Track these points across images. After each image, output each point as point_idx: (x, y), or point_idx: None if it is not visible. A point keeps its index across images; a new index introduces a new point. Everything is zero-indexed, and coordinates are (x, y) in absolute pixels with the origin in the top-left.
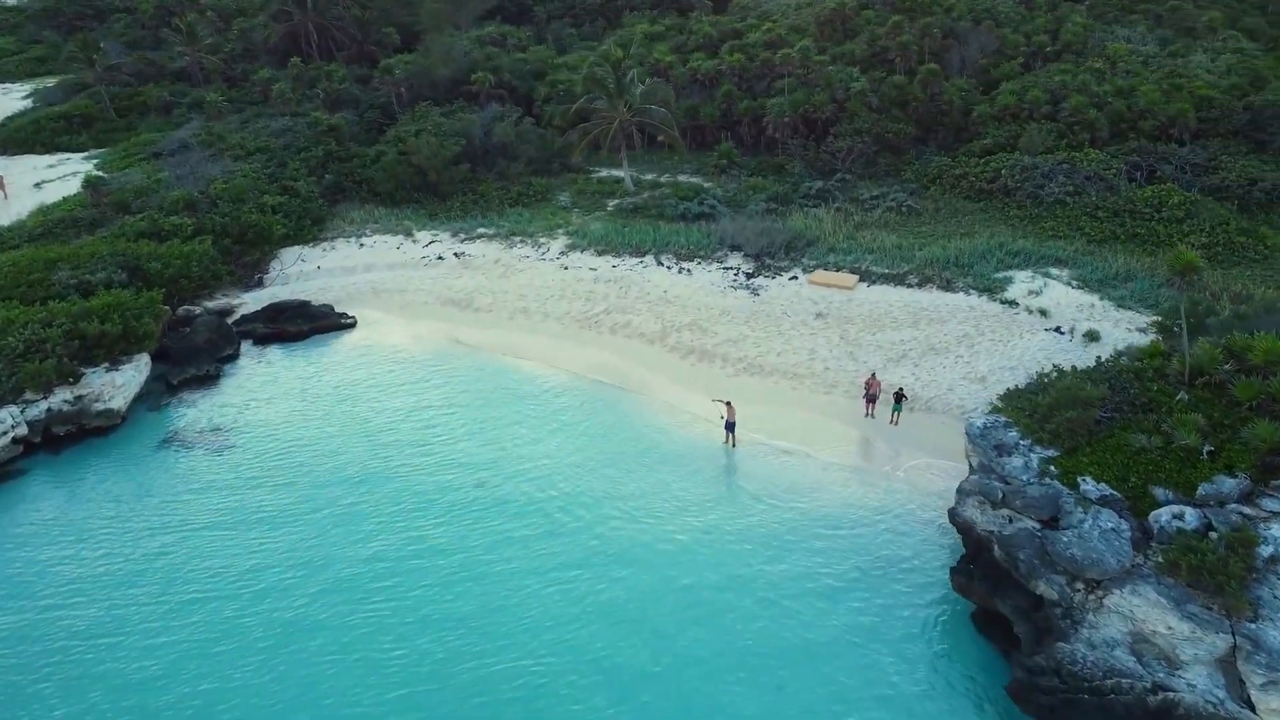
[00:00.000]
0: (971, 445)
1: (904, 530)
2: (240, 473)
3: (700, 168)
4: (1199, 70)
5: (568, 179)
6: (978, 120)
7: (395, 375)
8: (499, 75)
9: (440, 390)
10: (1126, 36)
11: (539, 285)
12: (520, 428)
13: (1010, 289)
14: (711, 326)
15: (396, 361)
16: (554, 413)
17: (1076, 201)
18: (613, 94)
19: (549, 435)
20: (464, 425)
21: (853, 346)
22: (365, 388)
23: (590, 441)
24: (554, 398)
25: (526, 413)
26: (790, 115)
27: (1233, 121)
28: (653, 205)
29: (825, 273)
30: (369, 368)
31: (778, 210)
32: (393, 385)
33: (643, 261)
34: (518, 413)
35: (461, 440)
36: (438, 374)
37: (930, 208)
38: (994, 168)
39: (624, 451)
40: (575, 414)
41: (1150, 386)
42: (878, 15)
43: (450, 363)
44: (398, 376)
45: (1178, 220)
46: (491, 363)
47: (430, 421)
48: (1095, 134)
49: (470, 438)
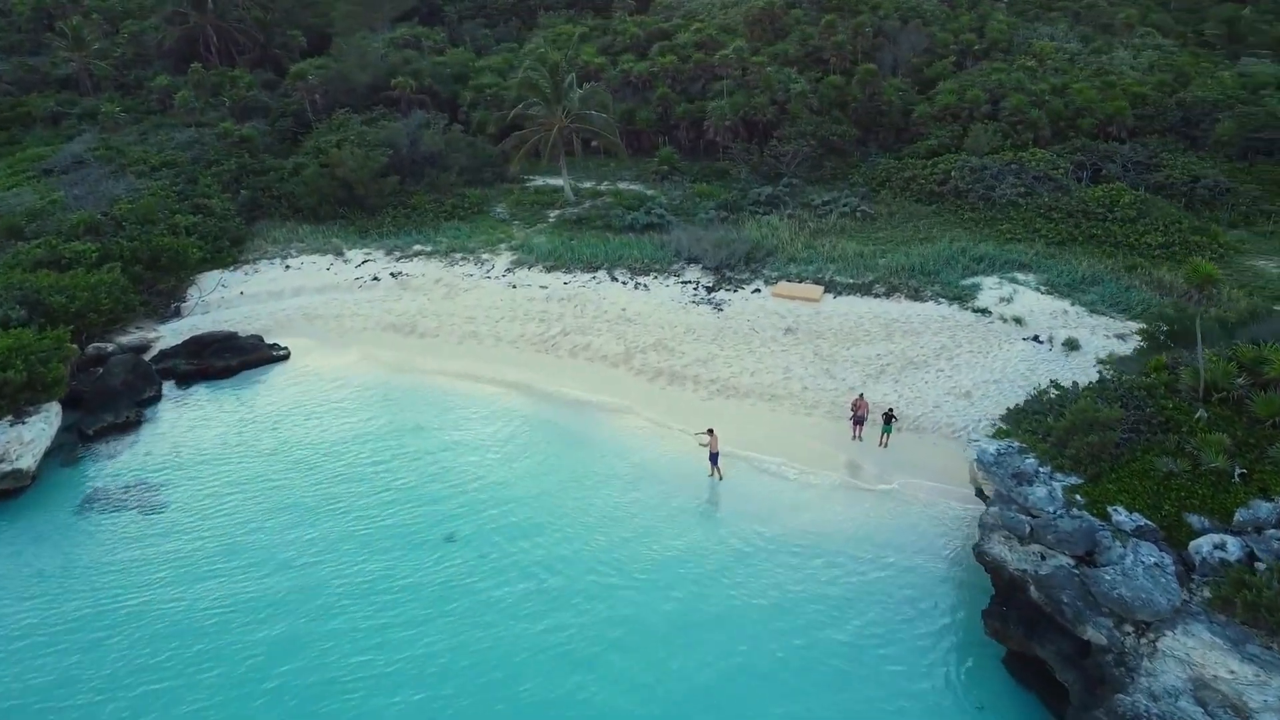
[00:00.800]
0: (985, 473)
1: (918, 566)
2: (177, 537)
3: (640, 174)
4: (1123, 67)
5: (503, 189)
6: (918, 121)
7: (340, 413)
8: (420, 80)
9: (391, 427)
10: (1050, 34)
11: (487, 306)
12: (484, 467)
13: (980, 296)
14: (678, 346)
15: (339, 397)
16: (520, 450)
17: (1029, 202)
18: (550, 99)
19: (518, 478)
20: (422, 467)
21: (828, 363)
22: (308, 429)
23: (561, 483)
24: (516, 432)
25: (489, 450)
26: (731, 118)
27: (1167, 119)
28: (597, 216)
29: (789, 285)
30: (310, 406)
31: (728, 218)
32: (339, 424)
33: (595, 277)
34: (478, 451)
35: (422, 484)
36: (386, 409)
37: (885, 212)
38: (943, 169)
39: (601, 492)
40: (543, 452)
41: (1165, 404)
42: (806, 14)
43: (399, 396)
44: (343, 414)
45: (1131, 220)
46: (443, 394)
47: (385, 464)
48: (1038, 133)
49: (431, 481)
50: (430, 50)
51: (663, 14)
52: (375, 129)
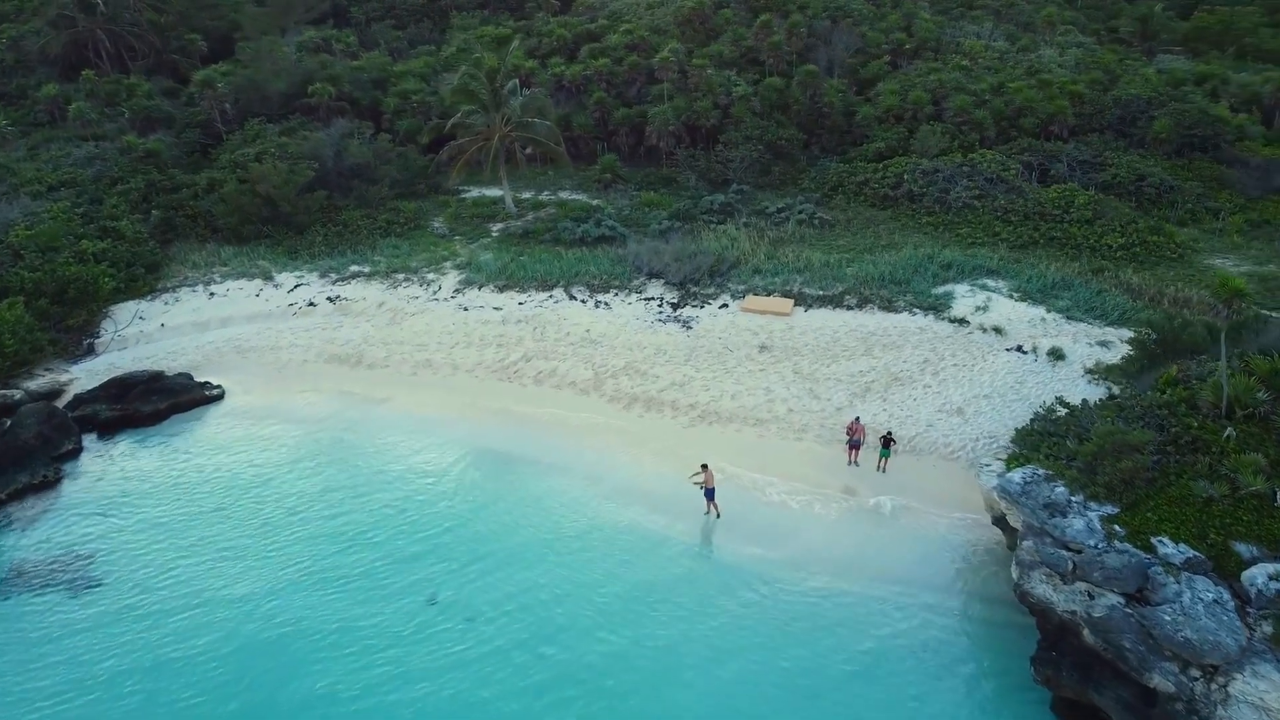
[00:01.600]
0: (1011, 504)
1: (942, 605)
2: (119, 621)
3: (581, 182)
4: (1052, 65)
5: (438, 201)
6: (862, 123)
7: (290, 459)
8: (338, 86)
9: (348, 473)
10: (977, 33)
11: (438, 332)
12: (459, 517)
13: (955, 306)
14: (650, 369)
15: (287, 440)
16: (495, 495)
17: (984, 205)
18: (489, 107)
19: (497, 529)
20: (390, 519)
21: (811, 383)
22: (255, 480)
23: (542, 533)
24: (490, 474)
25: (461, 497)
26: (674, 123)
27: (1105, 118)
28: (543, 228)
29: (757, 298)
30: (255, 452)
31: (681, 229)
32: (290, 472)
33: (552, 296)
34: (449, 497)
35: (391, 539)
36: (341, 452)
37: (842, 219)
38: (895, 173)
39: (588, 543)
40: (520, 496)
41: (1190, 422)
42: (736, 14)
43: (353, 437)
44: (294, 460)
45: (1088, 221)
46: (401, 432)
47: (348, 518)
48: (984, 134)
49: (401, 535)
50: (342, 54)
51: (586, 14)
52: (296, 140)
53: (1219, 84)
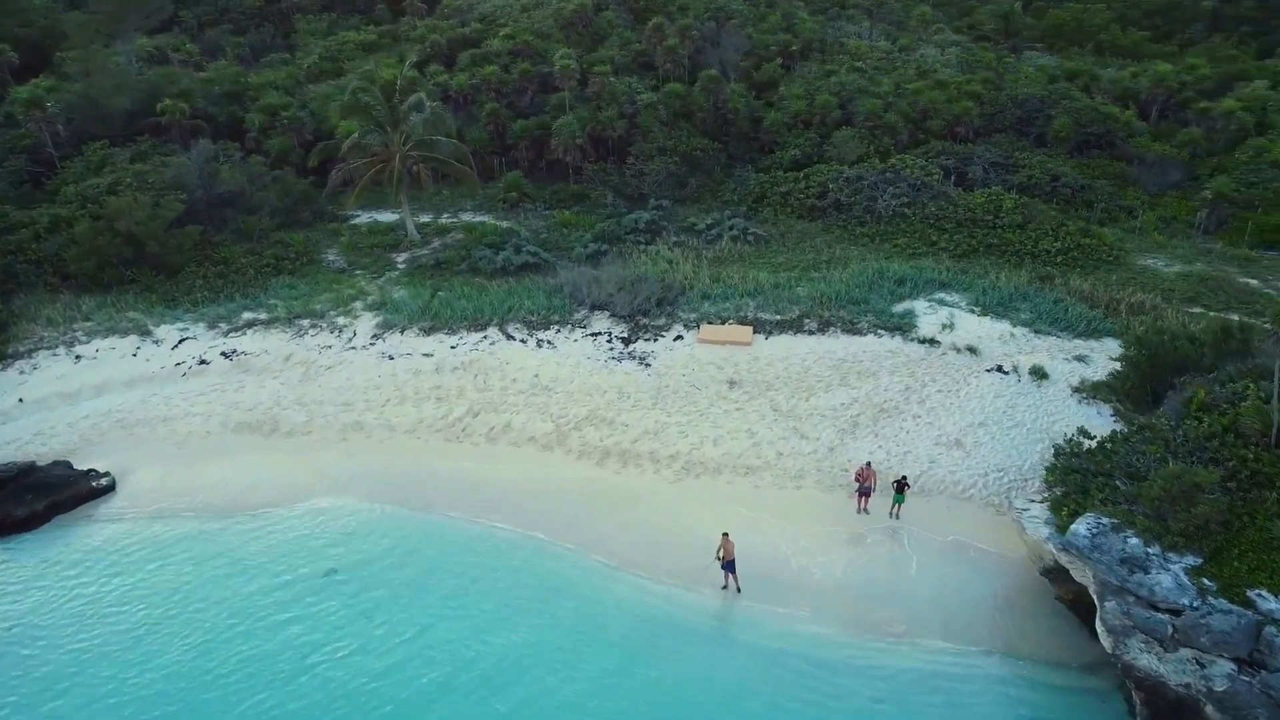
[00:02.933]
0: (1079, 560)
1: (1023, 678)
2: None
3: (484, 203)
4: (937, 65)
5: (327, 230)
6: (770, 129)
7: (213, 565)
8: (191, 102)
9: (287, 582)
10: (856, 32)
11: (364, 386)
12: (435, 638)
13: (919, 325)
14: (617, 416)
15: (206, 539)
16: (479, 601)
17: (915, 213)
18: (386, 125)
19: (483, 653)
20: (350, 651)
21: (794, 420)
22: (173, 597)
23: (543, 653)
24: (468, 574)
25: (436, 609)
26: (580, 135)
27: (1005, 117)
28: (457, 258)
29: (714, 328)
30: (168, 560)
31: (609, 252)
32: (216, 583)
33: (487, 336)
34: (422, 609)
35: (352, 678)
36: (275, 553)
37: (775, 233)
38: (818, 182)
39: (590, 641)
40: (507, 602)
41: (1244, 454)
42: (618, 17)
43: (284, 529)
44: (216, 566)
45: (1019, 226)
46: (345, 520)
47: (298, 647)
48: (896, 138)
49: (364, 674)
50: (183, 64)
51: (455, 17)
52: (153, 167)
53: (1089, 80)
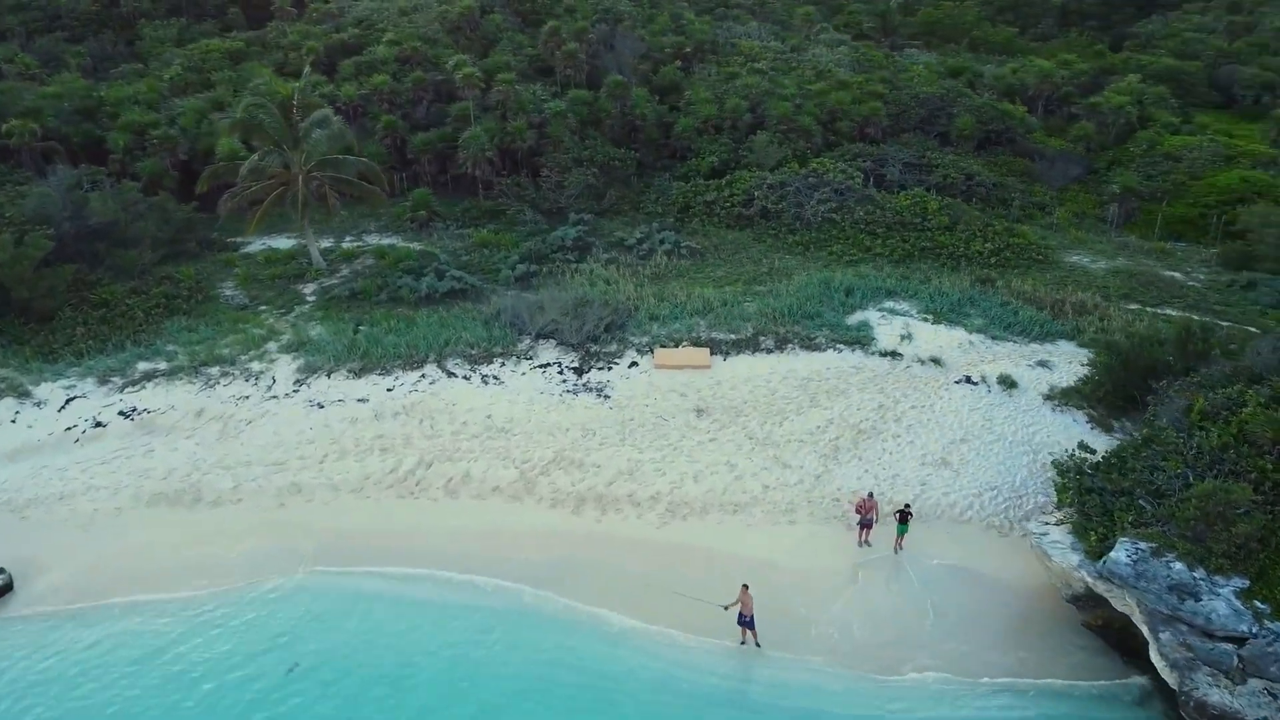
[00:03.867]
0: (1121, 588)
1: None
2: None
3: (389, 223)
4: (830, 65)
5: (219, 261)
6: (682, 135)
7: (144, 674)
8: (40, 121)
9: (232, 683)
10: (746, 33)
11: (295, 441)
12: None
13: (877, 337)
14: (586, 457)
15: (132, 642)
16: (446, 684)
17: (843, 218)
18: (286, 144)
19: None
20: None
21: (772, 448)
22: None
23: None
24: (429, 645)
25: (399, 700)
26: (490, 148)
27: (910, 117)
28: (373, 286)
29: (669, 351)
30: (90, 677)
31: (538, 273)
32: (149, 693)
33: (425, 375)
34: (389, 709)
35: None
36: (208, 648)
37: (708, 245)
38: (743, 190)
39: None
40: (484, 677)
41: (1263, 465)
42: (506, 20)
43: (220, 617)
44: (148, 674)
45: (947, 228)
46: (287, 599)
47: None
48: (811, 141)
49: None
50: (17, 77)
51: (328, 22)
52: (8, 198)
53: (972, 77)
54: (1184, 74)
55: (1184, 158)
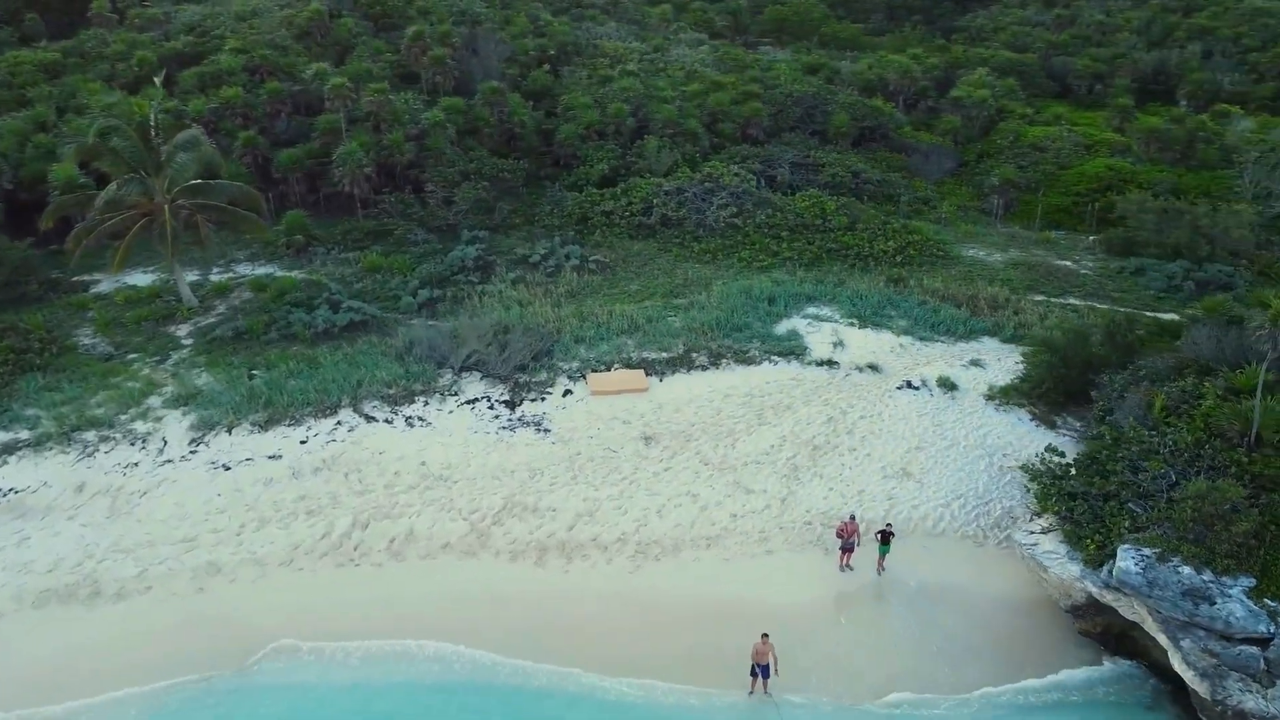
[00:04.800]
0: (1132, 597)
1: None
2: None
3: (260, 251)
4: (695, 65)
5: (68, 305)
6: (565, 142)
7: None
8: None
9: None
10: (606, 34)
11: (202, 513)
12: None
13: (809, 346)
14: (538, 501)
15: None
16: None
17: (746, 223)
18: (147, 171)
19: None
20: None
21: (732, 473)
22: None
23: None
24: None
25: None
26: (368, 163)
27: (788, 116)
28: (260, 324)
29: (603, 376)
30: None
31: (442, 298)
32: None
33: (341, 422)
34: None
35: None
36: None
37: (615, 258)
38: (640, 198)
39: None
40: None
41: (1240, 458)
42: (360, 25)
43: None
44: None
45: (848, 228)
46: (222, 703)
47: None
48: (697, 144)
49: None
50: None
51: (154, 30)
52: None
53: (831, 74)
54: (1023, 66)
55: (1048, 148)
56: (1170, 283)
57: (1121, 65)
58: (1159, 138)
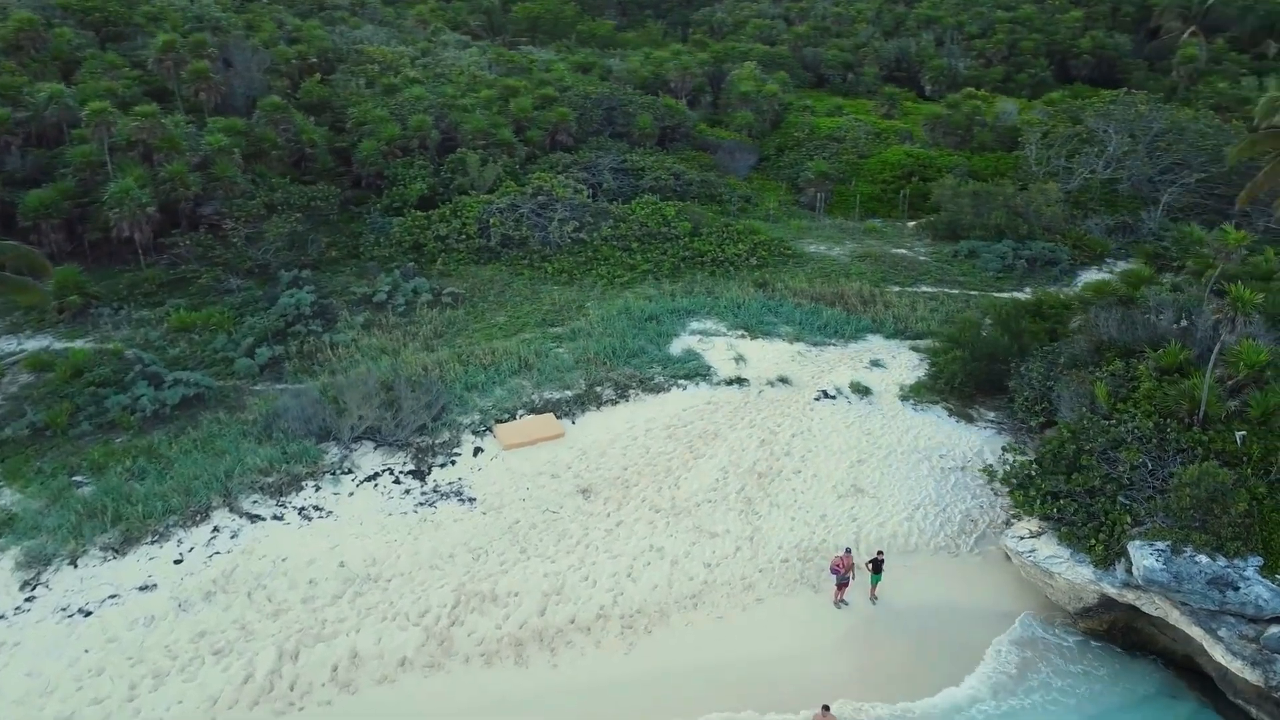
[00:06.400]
0: (1161, 594)
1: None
2: None
3: (23, 319)
4: (470, 68)
5: None
6: (367, 161)
7: None
8: None
9: None
10: (364, 38)
11: (69, 676)
12: None
13: (711, 363)
14: (493, 587)
15: None
16: None
17: (592, 236)
18: None
19: None
20: None
21: (688, 518)
22: None
23: None
24: None
25: None
26: (150, 202)
27: (592, 119)
28: (66, 414)
29: (511, 427)
30: None
31: (289, 355)
32: None
33: (217, 527)
34: None
35: None
36: None
37: (468, 288)
38: (474, 218)
39: None
40: None
41: (1199, 437)
42: (79, 34)
43: None
44: None
45: (694, 234)
46: None
47: None
48: (514, 154)
49: None
50: None
51: None
52: None
53: (603, 72)
54: (781, 59)
55: (844, 138)
56: (1003, 263)
57: (867, 55)
58: (941, 124)
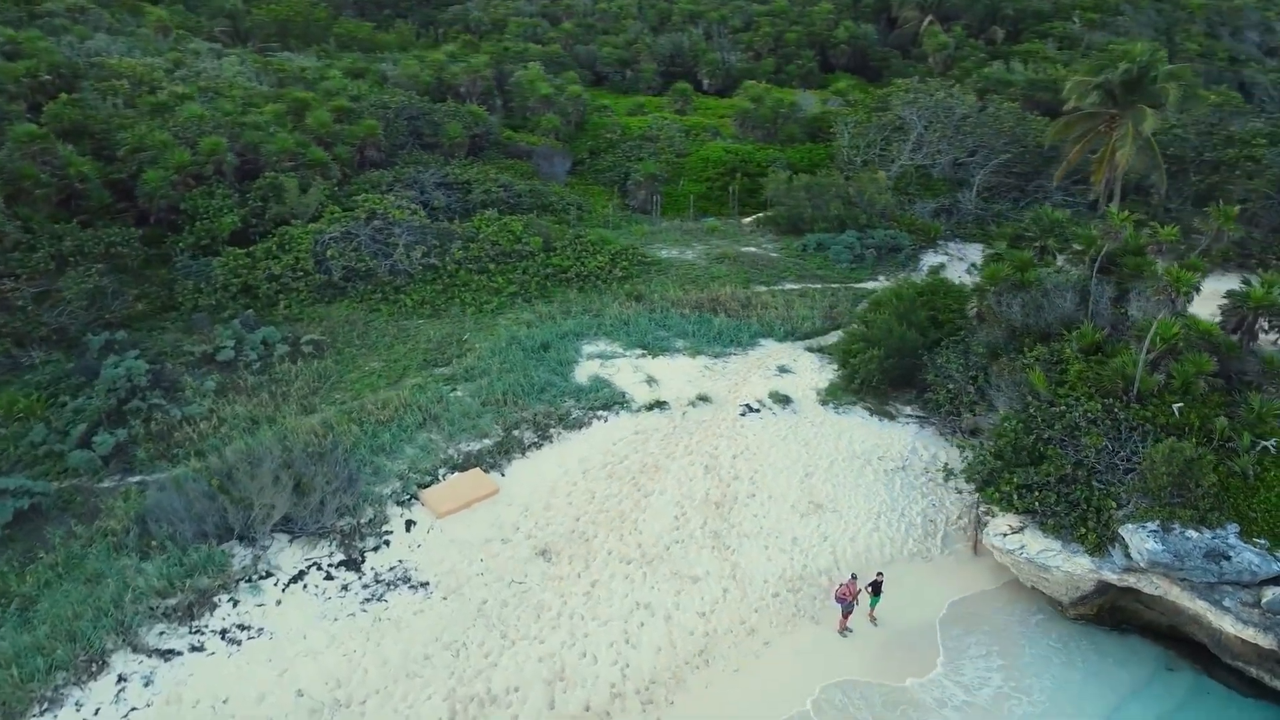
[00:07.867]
0: (1165, 574)
1: None
2: None
3: None
4: (237, 77)
5: None
6: (156, 194)
7: None
8: None
9: None
10: (100, 49)
11: None
12: None
13: (625, 390)
14: (487, 686)
15: None
16: None
17: (445, 261)
18: None
19: None
20: None
21: (663, 564)
22: None
23: None
24: None
25: None
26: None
27: (399, 131)
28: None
29: (439, 490)
30: None
31: (133, 442)
32: None
33: (123, 676)
34: None
35: None
36: None
37: (325, 333)
38: (307, 251)
39: None
40: None
41: (1145, 413)
42: None
43: None
44: None
45: (551, 249)
46: None
47: None
48: (327, 175)
49: None
50: None
51: None
52: None
53: (379, 78)
54: (558, 58)
55: (658, 138)
56: (853, 253)
57: (641, 51)
58: (750, 118)
